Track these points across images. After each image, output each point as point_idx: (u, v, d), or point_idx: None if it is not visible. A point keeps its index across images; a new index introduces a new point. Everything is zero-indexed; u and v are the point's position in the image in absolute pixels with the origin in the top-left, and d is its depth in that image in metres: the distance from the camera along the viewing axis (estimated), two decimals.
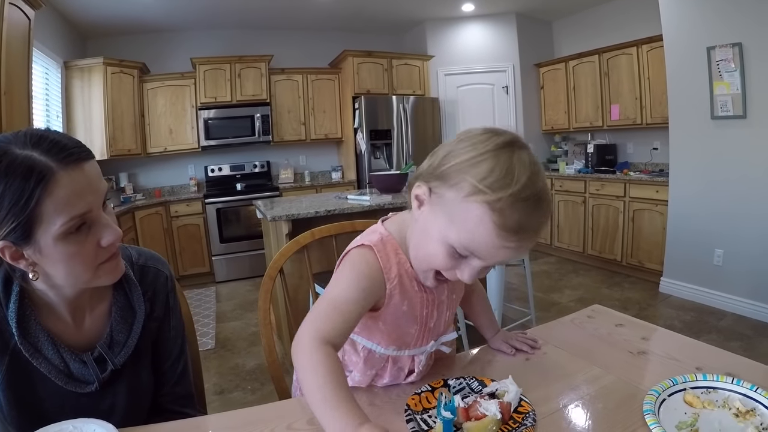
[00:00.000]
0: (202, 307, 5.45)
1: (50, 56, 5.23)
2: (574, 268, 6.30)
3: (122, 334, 1.19)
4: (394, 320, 1.14)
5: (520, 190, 0.88)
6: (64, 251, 0.99)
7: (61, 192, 0.94)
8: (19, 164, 0.92)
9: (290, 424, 1.05)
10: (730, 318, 4.31)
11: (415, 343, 1.19)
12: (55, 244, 0.97)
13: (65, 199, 0.95)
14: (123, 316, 1.20)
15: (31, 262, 1.00)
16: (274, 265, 1.62)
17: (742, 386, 1.04)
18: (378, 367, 1.21)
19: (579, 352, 1.31)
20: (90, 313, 1.18)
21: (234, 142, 6.92)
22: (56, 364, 1.10)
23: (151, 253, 1.35)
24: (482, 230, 0.90)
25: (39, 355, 1.08)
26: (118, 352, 1.17)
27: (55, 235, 0.96)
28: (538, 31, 7.69)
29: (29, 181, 0.91)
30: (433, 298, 1.16)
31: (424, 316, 1.16)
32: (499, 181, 0.89)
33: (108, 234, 1.04)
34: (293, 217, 3.48)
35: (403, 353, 1.19)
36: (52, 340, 1.10)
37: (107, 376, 1.15)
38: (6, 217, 0.93)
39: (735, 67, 4.11)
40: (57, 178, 0.94)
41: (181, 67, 6.74)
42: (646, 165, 6.22)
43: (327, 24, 7.45)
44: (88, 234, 1.01)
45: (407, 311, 1.14)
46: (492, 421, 0.95)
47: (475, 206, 0.90)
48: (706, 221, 4.59)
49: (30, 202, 0.92)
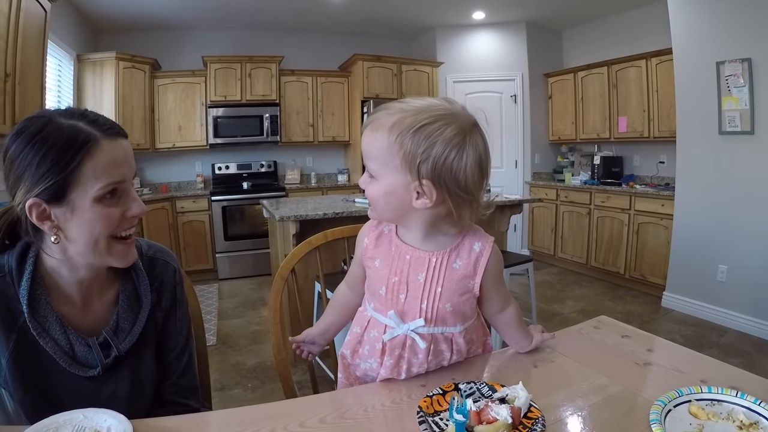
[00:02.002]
0: (205, 303, 5.47)
1: (64, 49, 5.27)
2: (576, 280, 6.31)
3: (128, 321, 1.22)
4: (371, 273, 1.30)
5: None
6: (96, 213, 1.06)
7: (102, 158, 1.05)
8: (65, 129, 1.02)
9: (303, 421, 1.06)
10: (732, 334, 4.32)
11: (384, 307, 1.27)
12: (91, 205, 1.05)
13: (105, 165, 1.06)
14: (130, 304, 1.23)
15: (56, 225, 1.07)
16: (286, 265, 1.63)
17: (746, 399, 1.05)
18: (361, 327, 1.34)
19: (586, 361, 1.33)
20: (98, 298, 1.22)
21: (242, 141, 6.95)
22: (62, 345, 1.13)
23: (161, 246, 1.39)
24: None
25: (46, 335, 1.11)
26: (122, 339, 1.20)
27: (93, 197, 1.05)
28: (548, 41, 7.70)
29: (74, 145, 1.02)
30: (404, 267, 1.24)
31: (393, 283, 1.24)
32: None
33: (135, 206, 1.14)
34: (301, 218, 3.50)
35: (377, 316, 1.29)
36: (60, 321, 1.13)
37: (111, 361, 1.18)
38: (45, 176, 1.01)
39: (744, 83, 4.13)
40: (100, 145, 1.05)
41: (192, 65, 6.78)
42: (652, 178, 6.22)
43: (338, 27, 7.48)
44: (117, 202, 1.10)
45: (379, 268, 1.27)
46: (503, 425, 0.96)
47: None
48: (710, 237, 4.59)
49: (72, 163, 1.02)
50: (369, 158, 1.15)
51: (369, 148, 1.15)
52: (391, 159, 1.10)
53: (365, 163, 1.17)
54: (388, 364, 1.26)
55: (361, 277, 1.37)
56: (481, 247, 1.24)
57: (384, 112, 1.13)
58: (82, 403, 1.06)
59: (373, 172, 1.15)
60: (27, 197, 1.02)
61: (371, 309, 1.32)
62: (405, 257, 1.24)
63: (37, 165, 1.01)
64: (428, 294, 1.22)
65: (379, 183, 1.15)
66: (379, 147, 1.11)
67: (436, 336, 1.26)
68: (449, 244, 1.23)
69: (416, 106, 1.12)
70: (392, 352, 1.26)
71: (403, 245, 1.25)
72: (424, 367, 1.28)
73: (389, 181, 1.13)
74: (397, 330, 1.24)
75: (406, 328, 1.23)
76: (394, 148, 1.09)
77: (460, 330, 1.29)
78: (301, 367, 3.73)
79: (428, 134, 1.08)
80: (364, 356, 1.33)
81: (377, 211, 1.21)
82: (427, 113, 1.10)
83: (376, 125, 1.12)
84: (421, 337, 1.24)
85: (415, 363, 1.27)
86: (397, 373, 1.26)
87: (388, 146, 1.10)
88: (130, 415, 1.03)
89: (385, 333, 1.26)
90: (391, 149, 1.10)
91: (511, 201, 4.38)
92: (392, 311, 1.23)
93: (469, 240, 1.25)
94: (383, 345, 1.27)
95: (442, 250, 1.23)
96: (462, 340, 1.30)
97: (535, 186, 7.41)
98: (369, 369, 1.33)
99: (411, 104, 1.13)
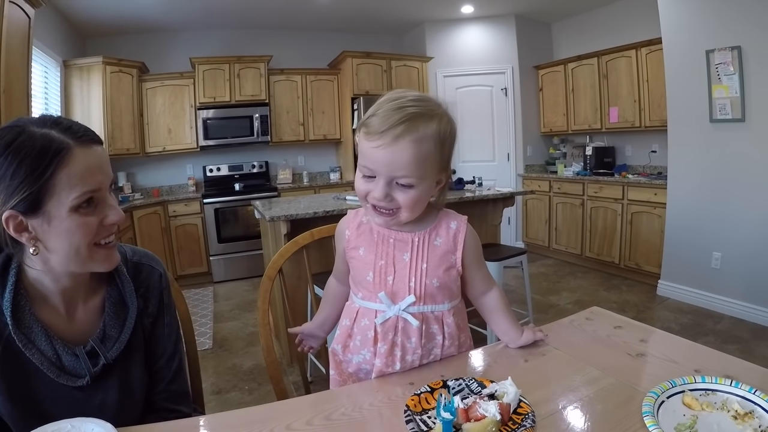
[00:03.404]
0: (200, 307, 5.45)
1: (50, 55, 5.22)
2: (571, 271, 6.31)
3: (115, 329, 1.20)
4: (355, 263, 1.35)
5: (375, 108, 1.19)
6: (73, 223, 1.04)
7: (76, 166, 1.03)
8: (37, 139, 1.00)
9: (289, 424, 1.05)
10: (728, 321, 4.32)
11: (373, 293, 1.31)
12: (68, 215, 1.03)
13: (80, 173, 1.03)
14: (116, 311, 1.22)
15: (34, 236, 1.05)
16: (273, 265, 1.62)
17: (741, 389, 1.04)
18: (351, 318, 1.36)
19: (578, 353, 1.31)
20: (83, 306, 1.20)
21: (232, 142, 6.91)
22: (48, 356, 1.11)
23: (145, 251, 1.37)
24: (361, 145, 1.19)
25: (32, 346, 1.09)
26: (110, 347, 1.18)
27: (69, 207, 1.03)
28: (538, 33, 7.69)
29: (47, 154, 1.00)
30: (389, 250, 1.31)
31: (380, 267, 1.30)
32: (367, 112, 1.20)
33: (112, 214, 1.12)
34: (292, 217, 3.48)
35: (366, 304, 1.33)
36: (45, 332, 1.11)
37: (99, 370, 1.16)
38: (19, 187, 0.99)
39: (734, 71, 4.12)
40: (74, 153, 1.03)
41: (180, 67, 6.73)
42: (645, 168, 6.22)
43: (326, 25, 7.45)
44: (94, 211, 1.08)
45: (363, 256, 1.33)
46: (491, 422, 0.94)
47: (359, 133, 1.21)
48: (704, 224, 4.59)
49: (45, 173, 0.99)
50: (410, 166, 1.16)
51: (411, 158, 1.15)
52: (437, 162, 1.21)
53: (397, 173, 1.17)
54: (383, 351, 1.28)
55: (346, 272, 1.43)
56: (457, 225, 1.34)
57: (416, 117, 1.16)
58: (71, 413, 1.05)
59: (413, 180, 1.17)
60: (3, 209, 1.01)
61: (359, 299, 1.35)
62: (389, 240, 1.31)
63: (11, 176, 0.99)
64: (415, 271, 1.29)
65: (419, 187, 1.19)
66: (426, 155, 1.17)
67: (427, 315, 1.31)
68: (428, 225, 1.33)
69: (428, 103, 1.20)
70: (385, 336, 1.29)
71: (385, 230, 1.32)
72: (418, 354, 1.30)
73: (429, 182, 1.22)
74: (389, 312, 1.28)
75: (398, 309, 1.28)
76: (444, 150, 1.21)
77: (448, 308, 1.33)
78: (300, 366, 3.71)
79: (454, 131, 1.23)
80: (356, 348, 1.35)
81: (414, 212, 1.25)
82: (442, 107, 1.22)
83: (420, 136, 1.15)
84: (413, 316, 1.28)
85: (409, 348, 1.29)
86: (392, 361, 1.28)
87: (436, 151, 1.18)
88: (121, 423, 1.02)
89: (376, 317, 1.29)
90: (440, 152, 1.20)
91: (503, 194, 4.37)
92: (382, 293, 1.28)
93: (445, 220, 1.34)
94: (375, 332, 1.30)
95: (422, 230, 1.31)
96: (452, 320, 1.33)
97: (527, 178, 7.39)
98: (362, 362, 1.34)
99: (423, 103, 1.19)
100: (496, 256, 3.59)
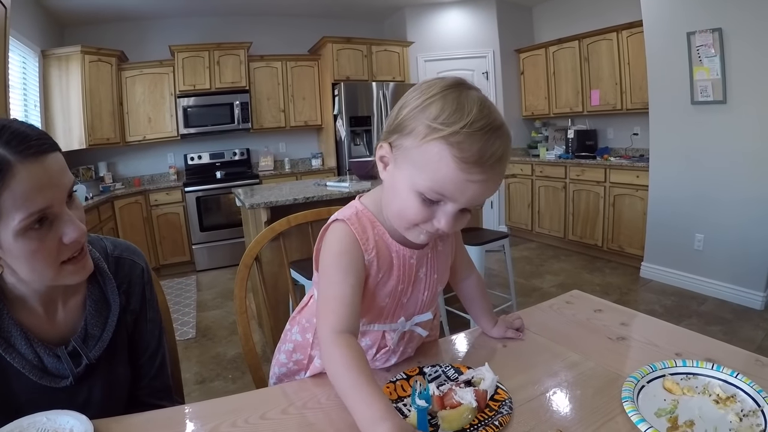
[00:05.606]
0: (183, 296, 5.41)
1: (27, 45, 5.12)
2: (555, 254, 6.33)
3: (97, 327, 1.16)
4: (369, 291, 1.12)
5: (473, 121, 0.89)
6: (25, 247, 0.95)
7: (19, 186, 0.90)
8: None
9: (264, 413, 1.03)
10: (711, 302, 4.35)
11: (386, 317, 1.18)
12: (15, 239, 0.93)
13: (24, 193, 0.91)
14: (97, 309, 1.17)
15: None
16: (249, 253, 1.60)
17: (723, 372, 1.03)
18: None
19: (557, 338, 1.30)
20: (63, 306, 1.16)
21: (213, 130, 6.85)
22: (30, 359, 1.07)
23: (127, 244, 1.32)
24: (444, 167, 0.90)
25: (11, 350, 1.05)
26: (92, 347, 1.15)
27: (15, 230, 0.92)
28: (518, 17, 7.67)
29: None
30: (410, 273, 1.14)
31: (399, 291, 1.14)
32: (450, 116, 0.90)
33: (70, 231, 1.00)
34: (272, 204, 3.45)
35: (372, 327, 1.18)
36: (24, 334, 1.07)
37: (82, 370, 1.12)
38: None
39: (715, 53, 4.12)
40: (14, 171, 0.89)
41: (159, 55, 6.63)
42: (627, 150, 6.24)
43: (306, 10, 7.37)
44: (50, 230, 0.97)
45: (382, 283, 1.12)
46: (467, 410, 0.93)
47: (433, 145, 0.90)
48: (686, 206, 4.61)
49: None
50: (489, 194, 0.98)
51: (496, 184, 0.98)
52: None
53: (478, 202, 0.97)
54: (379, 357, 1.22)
55: (359, 302, 1.07)
56: None
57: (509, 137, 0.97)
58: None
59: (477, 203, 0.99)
60: None
61: (362, 322, 1.17)
62: (410, 262, 1.14)
63: None
64: (428, 284, 1.19)
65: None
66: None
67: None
68: None
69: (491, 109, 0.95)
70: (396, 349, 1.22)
71: (402, 248, 1.12)
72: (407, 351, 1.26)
73: None
74: (401, 329, 1.20)
75: (410, 324, 1.20)
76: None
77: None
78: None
79: None
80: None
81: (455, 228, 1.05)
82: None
83: (505, 160, 0.97)
84: (422, 326, 1.22)
85: (399, 351, 1.24)
86: (372, 355, 1.22)
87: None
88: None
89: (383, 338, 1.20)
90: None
91: None
92: (402, 318, 1.19)
93: None
94: (378, 348, 1.20)
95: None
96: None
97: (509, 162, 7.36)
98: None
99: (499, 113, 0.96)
100: (478, 240, 3.58)
